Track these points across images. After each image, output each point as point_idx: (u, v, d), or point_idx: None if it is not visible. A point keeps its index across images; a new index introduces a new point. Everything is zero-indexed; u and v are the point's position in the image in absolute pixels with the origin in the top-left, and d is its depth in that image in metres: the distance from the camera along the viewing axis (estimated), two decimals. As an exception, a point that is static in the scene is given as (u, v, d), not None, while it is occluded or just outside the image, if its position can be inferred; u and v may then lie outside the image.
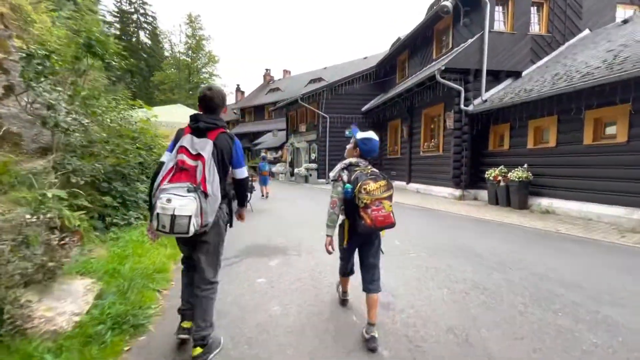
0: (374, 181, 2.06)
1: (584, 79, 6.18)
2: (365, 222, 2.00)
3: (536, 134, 7.79)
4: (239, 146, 2.04)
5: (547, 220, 6.23)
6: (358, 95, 16.80)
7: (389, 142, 15.57)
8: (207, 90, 2.03)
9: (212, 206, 1.81)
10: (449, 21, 11.07)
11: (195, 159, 1.81)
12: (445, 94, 10.22)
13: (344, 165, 2.23)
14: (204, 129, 1.90)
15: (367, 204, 1.99)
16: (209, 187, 1.79)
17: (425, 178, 11.80)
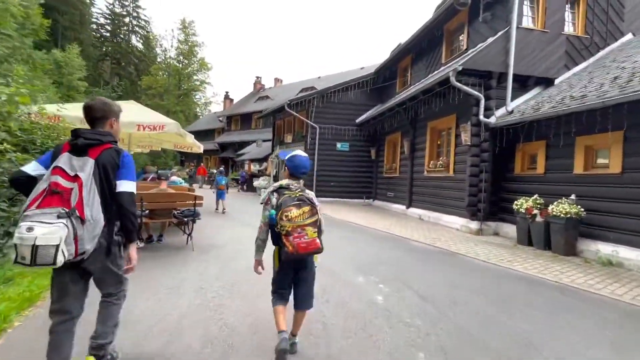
0: (297, 207, 2.02)
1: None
2: (287, 249, 1.97)
3: (588, 155, 5.87)
4: (128, 159, 1.81)
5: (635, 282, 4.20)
6: (352, 105, 14.95)
7: (386, 159, 13.63)
8: (89, 101, 1.87)
9: (90, 232, 1.61)
10: (464, 18, 9.34)
11: (72, 181, 1.61)
12: (459, 103, 8.35)
13: (274, 188, 2.18)
14: (83, 146, 1.69)
15: (289, 231, 1.97)
16: (87, 210, 1.59)
17: (431, 203, 9.79)
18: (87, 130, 1.79)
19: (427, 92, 9.09)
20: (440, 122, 9.62)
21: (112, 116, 1.87)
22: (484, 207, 7.65)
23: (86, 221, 1.58)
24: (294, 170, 2.23)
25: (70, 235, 1.52)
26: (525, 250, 5.97)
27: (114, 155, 1.76)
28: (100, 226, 1.66)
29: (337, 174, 14.65)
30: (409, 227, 8.40)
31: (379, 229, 7.87)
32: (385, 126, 12.99)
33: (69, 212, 1.53)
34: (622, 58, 6.92)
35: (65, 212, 1.52)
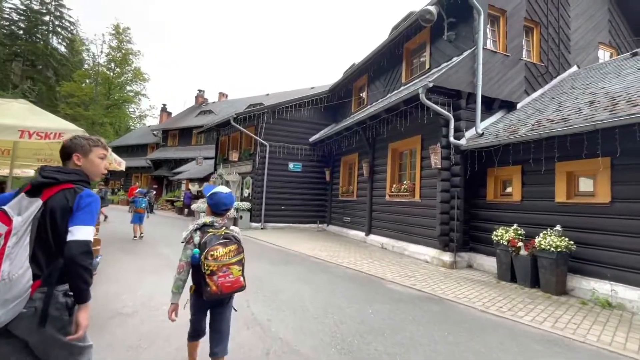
0: (223, 246, 1.99)
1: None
2: (210, 289, 1.90)
3: (570, 182, 5.45)
4: (87, 200, 1.49)
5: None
6: (306, 122, 13.97)
7: (342, 181, 12.71)
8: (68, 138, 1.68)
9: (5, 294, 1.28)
10: (426, 37, 9.03)
11: (6, 225, 1.34)
12: (425, 123, 7.77)
13: (197, 226, 2.10)
14: (37, 185, 1.47)
15: (214, 270, 1.91)
16: (5, 265, 1.29)
17: (394, 231, 8.93)
18: (50, 167, 1.56)
19: (390, 110, 8.40)
20: (403, 143, 8.98)
21: (75, 150, 1.65)
22: (458, 237, 6.94)
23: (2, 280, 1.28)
24: (215, 208, 2.19)
25: None
26: (513, 290, 5.21)
27: (68, 196, 1.49)
28: (19, 288, 1.33)
29: (289, 197, 13.29)
30: (375, 259, 7.33)
31: (344, 264, 6.64)
32: (341, 146, 12.14)
33: None
34: (582, 86, 6.95)
35: None
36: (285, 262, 6.63)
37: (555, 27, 8.52)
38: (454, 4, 7.64)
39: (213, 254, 1.92)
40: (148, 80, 39.71)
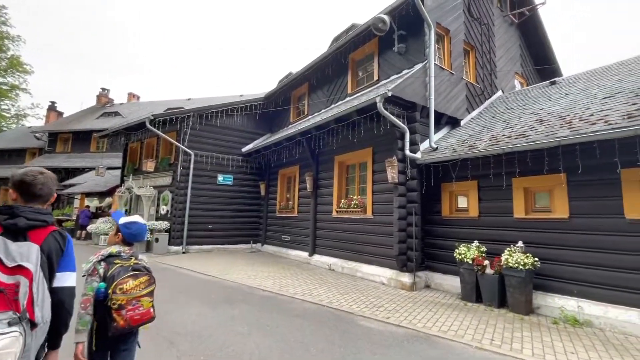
0: (133, 279, 1.86)
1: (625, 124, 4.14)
2: (117, 323, 1.76)
3: (528, 197, 5.48)
4: (71, 245, 1.57)
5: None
6: (238, 130, 12.58)
7: (280, 195, 11.62)
8: (25, 174, 1.50)
9: (39, 339, 1.37)
10: (374, 47, 8.80)
11: (14, 273, 1.28)
12: (377, 135, 7.36)
13: (102, 257, 1.91)
14: (25, 228, 1.38)
15: (122, 304, 1.78)
16: (38, 312, 1.32)
17: (343, 250, 8.21)
18: (26, 207, 1.45)
19: (340, 120, 7.80)
20: (352, 155, 8.44)
21: (53, 193, 1.60)
22: (416, 256, 6.53)
23: (37, 325, 1.33)
24: (131, 238, 2.06)
25: (22, 347, 1.25)
26: (485, 313, 4.88)
27: (59, 239, 1.50)
28: (46, 332, 1.41)
29: (218, 214, 11.58)
30: (329, 285, 6.43)
31: (299, 296, 5.56)
32: (281, 157, 11.10)
33: (20, 317, 1.26)
34: (517, 107, 7.41)
35: (17, 317, 1.24)
36: (225, 300, 5.22)
37: (486, 53, 9.19)
38: (405, 17, 7.53)
39: (122, 287, 1.81)
40: (31, 72, 32.38)
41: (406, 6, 7.35)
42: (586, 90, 6.33)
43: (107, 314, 1.79)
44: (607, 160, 4.47)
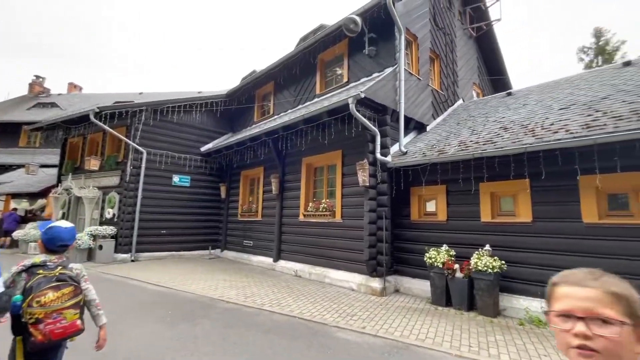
0: (55, 290, 1.74)
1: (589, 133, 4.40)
2: (35, 338, 1.66)
3: (494, 202, 5.64)
4: None
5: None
6: (197, 129, 11.76)
7: (242, 198, 11.04)
8: None
9: None
10: (343, 49, 8.69)
11: None
12: (347, 138, 7.22)
13: (24, 267, 1.78)
14: None
15: (40, 318, 1.67)
16: None
17: (310, 255, 7.93)
18: None
19: (309, 121, 7.55)
20: (320, 158, 8.21)
21: None
22: (386, 261, 6.46)
23: None
24: (49, 244, 1.92)
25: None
26: (457, 317, 4.90)
27: None
28: None
29: (173, 218, 10.67)
30: (298, 293, 6.10)
31: (266, 307, 5.16)
32: (244, 158, 10.54)
33: None
34: (480, 115, 7.71)
35: None
36: (185, 316, 4.66)
37: (450, 63, 9.53)
38: (376, 19, 7.50)
39: (40, 300, 1.68)
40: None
41: (378, 9, 7.32)
42: (542, 102, 6.75)
43: (25, 329, 1.68)
44: (567, 168, 4.71)
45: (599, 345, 0.67)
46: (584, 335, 0.69)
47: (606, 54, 20.97)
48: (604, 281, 0.73)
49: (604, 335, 0.67)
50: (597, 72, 7.55)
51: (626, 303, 0.70)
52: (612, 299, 0.70)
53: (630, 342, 0.68)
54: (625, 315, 0.69)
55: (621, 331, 0.67)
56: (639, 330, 0.69)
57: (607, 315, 0.68)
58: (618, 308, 0.69)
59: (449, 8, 9.89)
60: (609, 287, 0.72)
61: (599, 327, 0.68)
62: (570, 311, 0.72)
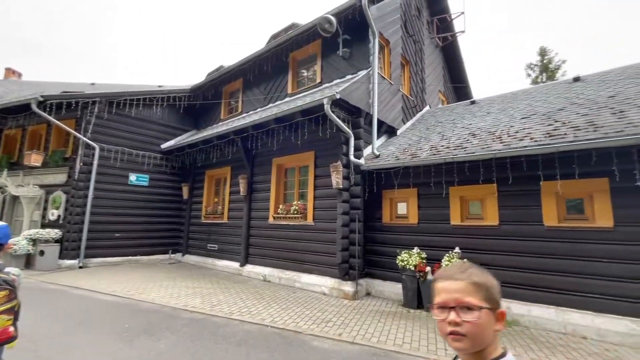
0: None
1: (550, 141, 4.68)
2: None
3: (463, 205, 5.82)
4: None
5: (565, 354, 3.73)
6: (158, 125, 11.00)
7: (206, 199, 10.48)
8: None
9: None
10: (317, 49, 8.57)
11: None
12: (320, 139, 7.11)
13: None
14: None
15: None
16: None
17: (280, 259, 7.68)
18: None
19: (282, 120, 7.33)
20: (292, 158, 8.01)
21: None
22: (359, 264, 6.41)
23: None
24: None
25: None
26: (428, 319, 4.95)
27: None
28: None
29: (129, 220, 9.85)
30: (268, 299, 5.84)
31: (236, 316, 4.85)
32: (209, 157, 10.02)
33: None
34: (447, 121, 7.98)
35: None
36: (145, 330, 4.21)
37: (419, 69, 9.81)
38: (351, 21, 7.48)
39: None
40: None
41: (352, 11, 7.31)
42: (504, 111, 7.13)
43: None
44: (531, 173, 4.98)
45: (465, 329, 0.78)
46: (455, 322, 0.80)
47: (549, 72, 22.98)
48: (469, 273, 0.84)
49: (468, 320, 0.78)
50: (551, 85, 8.16)
51: (485, 290, 0.82)
52: (474, 288, 0.81)
53: (489, 322, 0.80)
54: (484, 300, 0.80)
55: (480, 315, 0.79)
56: (497, 312, 0.82)
57: (470, 303, 0.80)
58: (478, 295, 0.81)
59: (418, 17, 10.19)
60: (471, 278, 0.83)
61: (464, 314, 0.79)
62: (444, 303, 0.83)
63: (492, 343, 0.81)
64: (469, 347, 0.79)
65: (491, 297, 0.82)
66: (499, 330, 0.82)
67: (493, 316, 0.81)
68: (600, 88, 6.33)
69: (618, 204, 4.44)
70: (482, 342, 0.79)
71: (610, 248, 4.37)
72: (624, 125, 4.37)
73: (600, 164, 4.46)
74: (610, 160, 4.36)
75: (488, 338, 0.80)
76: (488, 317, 0.80)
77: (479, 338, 0.79)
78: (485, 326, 0.79)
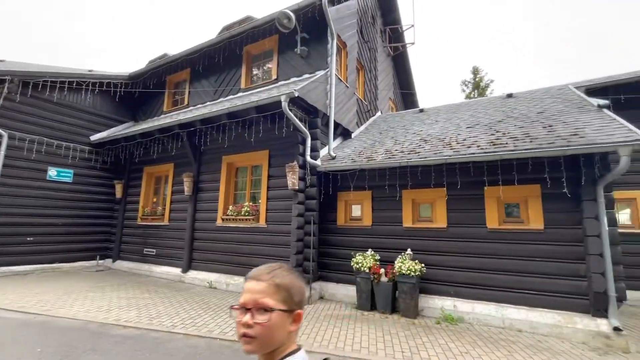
0: None
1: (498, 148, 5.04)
2: None
3: (414, 208, 6.01)
4: None
5: (506, 348, 4.00)
6: (87, 113, 9.69)
7: (144, 199, 9.50)
8: None
9: None
10: (273, 44, 8.28)
11: None
12: (275, 137, 6.85)
13: None
14: None
15: None
16: None
17: (229, 264, 7.21)
18: None
19: (234, 116, 6.92)
20: (244, 157, 7.58)
21: None
22: (313, 267, 6.26)
23: None
24: None
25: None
26: (383, 321, 4.99)
27: None
28: None
29: (47, 221, 8.48)
30: (216, 308, 5.38)
31: (179, 329, 4.34)
32: (150, 152, 9.08)
33: None
34: (399, 127, 8.26)
35: None
36: (65, 354, 3.53)
37: (373, 76, 10.05)
38: (310, 20, 7.37)
39: None
40: None
41: (312, 9, 7.20)
42: (451, 120, 7.59)
43: None
44: (477, 179, 5.31)
45: (255, 332, 0.77)
46: (247, 324, 0.78)
47: (480, 89, 25.49)
48: (273, 274, 0.84)
49: (259, 322, 0.77)
50: (489, 100, 8.93)
51: (285, 292, 0.82)
52: (274, 289, 0.81)
53: (282, 324, 0.79)
54: (282, 302, 0.80)
55: (271, 316, 0.78)
56: (295, 314, 0.83)
57: (265, 304, 0.79)
58: (277, 296, 0.80)
59: (373, 24, 10.47)
60: (274, 279, 0.82)
61: (259, 315, 0.78)
62: (243, 304, 0.81)
63: (285, 343, 0.81)
64: (257, 350, 0.79)
65: (290, 299, 0.82)
66: (293, 331, 0.82)
67: (289, 318, 0.81)
68: (530, 104, 7.07)
69: (548, 208, 4.93)
70: (271, 344, 0.79)
71: (542, 248, 4.84)
72: (553, 137, 4.87)
73: (534, 172, 4.91)
74: (542, 168, 4.83)
75: (279, 339, 0.80)
76: (281, 318, 0.79)
77: (269, 340, 0.79)
78: (276, 328, 0.79)
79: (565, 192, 4.71)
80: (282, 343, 0.81)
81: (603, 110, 5.41)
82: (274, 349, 0.80)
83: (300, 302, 0.86)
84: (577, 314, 4.49)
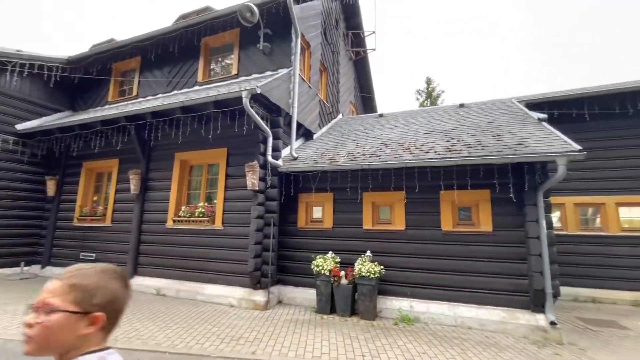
0: None
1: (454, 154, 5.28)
2: None
3: (374, 211, 6.08)
4: None
5: (456, 347, 4.18)
6: (14, 99, 8.49)
7: (82, 198, 8.55)
8: None
9: None
10: (234, 38, 7.92)
11: None
12: (234, 135, 6.55)
13: None
14: None
15: None
16: None
17: (179, 269, 6.71)
18: None
19: (190, 110, 6.49)
20: (199, 154, 7.13)
21: None
22: (272, 271, 6.05)
23: None
24: None
25: None
26: (343, 324, 4.95)
27: None
28: None
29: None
30: (164, 318, 4.95)
31: (124, 344, 3.90)
32: (90, 145, 8.16)
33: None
34: (360, 130, 8.37)
35: None
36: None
37: (335, 79, 10.09)
38: (274, 16, 7.16)
39: None
40: None
41: (276, 5, 7.00)
42: (409, 125, 7.86)
43: None
44: (434, 183, 5.52)
45: (33, 332, 0.75)
46: (28, 324, 0.76)
47: (432, 98, 27.06)
48: (75, 274, 0.80)
49: (39, 321, 0.75)
50: (443, 108, 9.43)
51: (81, 292, 0.78)
52: (67, 289, 0.78)
53: (68, 325, 0.76)
54: (74, 303, 0.77)
55: (53, 317, 0.75)
56: (90, 316, 0.78)
57: (52, 304, 0.76)
58: (68, 297, 0.77)
59: (336, 27, 10.53)
60: (72, 279, 0.79)
61: (43, 315, 0.75)
62: (34, 304, 0.78)
63: (76, 348, 0.77)
64: (35, 351, 0.75)
65: (86, 301, 0.78)
66: (87, 335, 0.78)
67: (81, 320, 0.78)
68: (480, 115, 7.56)
69: (496, 212, 5.28)
70: (54, 346, 0.76)
71: (491, 249, 5.16)
72: (501, 146, 5.23)
73: (485, 178, 5.23)
74: (492, 174, 5.16)
75: (65, 342, 0.76)
76: (67, 320, 0.76)
77: (48, 341, 0.75)
78: (58, 329, 0.75)
79: (511, 197, 5.07)
80: (74, 346, 0.77)
81: (542, 123, 5.95)
82: (63, 351, 0.76)
83: (104, 304, 0.80)
84: (520, 311, 4.85)
